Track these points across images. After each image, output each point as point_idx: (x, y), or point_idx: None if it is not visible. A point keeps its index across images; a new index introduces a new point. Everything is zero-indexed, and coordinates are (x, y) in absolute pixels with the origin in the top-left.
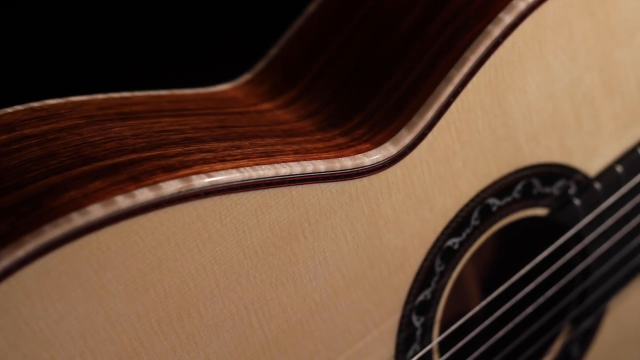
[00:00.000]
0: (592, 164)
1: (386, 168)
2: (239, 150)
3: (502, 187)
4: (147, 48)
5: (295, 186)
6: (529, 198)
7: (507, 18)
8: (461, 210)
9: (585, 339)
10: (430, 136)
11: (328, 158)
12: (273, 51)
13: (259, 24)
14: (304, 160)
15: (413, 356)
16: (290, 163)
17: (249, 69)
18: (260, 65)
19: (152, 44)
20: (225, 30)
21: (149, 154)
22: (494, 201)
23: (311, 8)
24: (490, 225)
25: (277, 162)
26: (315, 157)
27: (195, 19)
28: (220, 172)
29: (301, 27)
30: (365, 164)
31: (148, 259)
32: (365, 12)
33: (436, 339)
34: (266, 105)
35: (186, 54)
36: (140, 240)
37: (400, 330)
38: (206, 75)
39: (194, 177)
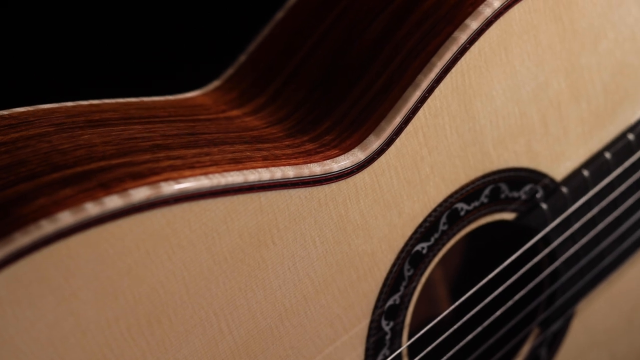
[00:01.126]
0: (559, 168)
1: (354, 174)
2: (207, 157)
3: (470, 192)
4: (116, 55)
5: (264, 192)
6: (496, 202)
7: (473, 24)
8: (429, 215)
9: (554, 341)
10: (398, 142)
11: (297, 164)
12: (242, 58)
13: (226, 31)
14: (273, 166)
15: None
16: (259, 169)
17: (218, 76)
18: (229, 72)
19: (121, 51)
20: (194, 38)
21: (118, 161)
22: (462, 206)
23: (279, 15)
24: (458, 230)
25: (246, 169)
26: (284, 163)
27: (163, 26)
28: (189, 178)
29: (270, 34)
30: (334, 170)
31: (117, 266)
32: (333, 18)
33: (405, 344)
34: (235, 112)
35: (155, 61)
36: (109, 247)
37: (369, 335)
38: (175, 82)
39: (162, 183)
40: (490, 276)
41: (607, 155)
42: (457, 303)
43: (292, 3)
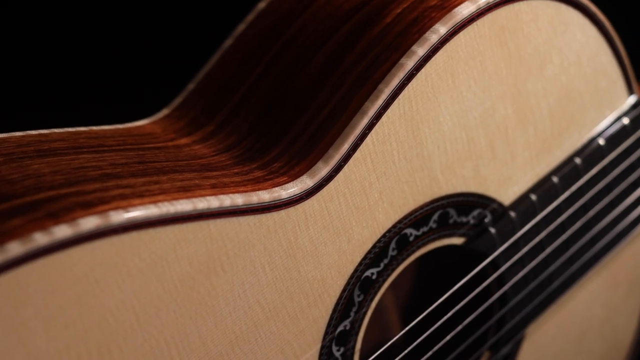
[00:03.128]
0: (507, 193)
1: (303, 200)
2: (157, 186)
3: (418, 217)
4: (64, 84)
5: (213, 220)
6: (445, 227)
7: (420, 50)
8: (378, 241)
9: None
10: (346, 168)
11: (245, 191)
12: (190, 86)
13: (175, 60)
14: (222, 194)
15: None
16: (208, 197)
17: (166, 104)
18: (178, 100)
19: (71, 79)
20: (142, 66)
21: (67, 190)
22: (411, 231)
23: (228, 42)
24: (408, 255)
25: (195, 197)
26: (233, 190)
27: (112, 56)
28: (138, 207)
29: (218, 61)
30: (283, 197)
31: (67, 296)
32: (280, 47)
33: None
34: (184, 140)
35: (103, 90)
36: (59, 277)
37: None
38: (124, 111)
39: (111, 212)
40: (439, 301)
41: (555, 179)
42: (407, 328)
43: (240, 31)
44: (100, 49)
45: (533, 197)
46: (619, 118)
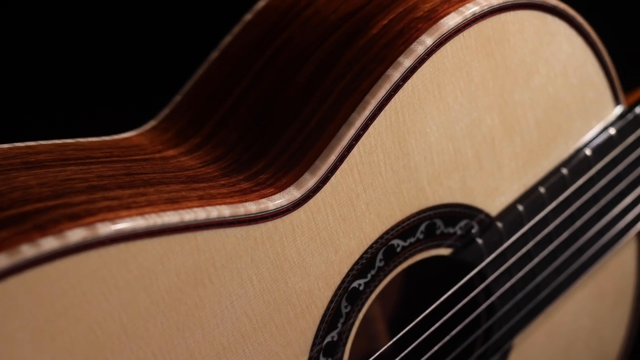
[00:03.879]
0: (494, 203)
1: (290, 212)
2: (144, 197)
3: (405, 228)
4: (52, 94)
5: (200, 232)
6: (432, 238)
7: (406, 62)
8: (366, 252)
9: None
10: (333, 179)
11: (232, 203)
12: (177, 98)
13: (162, 71)
14: (209, 205)
15: None
16: (195, 209)
17: (154, 116)
18: (165, 112)
19: (58, 90)
20: (130, 77)
21: (54, 202)
22: (398, 242)
23: (214, 55)
24: (395, 266)
25: (182, 208)
26: (220, 202)
27: (100, 66)
28: (125, 219)
29: (205, 73)
30: (270, 209)
31: (54, 308)
32: (267, 58)
33: None
34: (171, 152)
35: (91, 101)
36: (46, 289)
37: None
38: (111, 122)
39: (99, 224)
40: (427, 312)
41: (542, 189)
42: (395, 339)
43: (227, 43)
44: (87, 61)
45: (520, 207)
46: (605, 128)
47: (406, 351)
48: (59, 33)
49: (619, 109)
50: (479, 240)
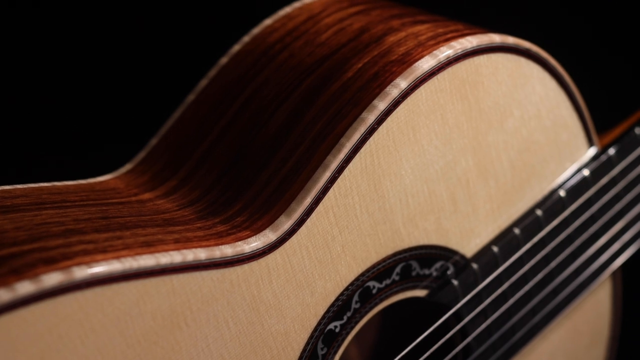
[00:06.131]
0: (469, 245)
1: (266, 254)
2: (120, 241)
3: (381, 270)
4: (26, 138)
5: (176, 275)
6: (408, 280)
7: (381, 105)
8: (342, 294)
9: None
10: (309, 222)
11: (208, 246)
12: (153, 141)
13: (138, 114)
14: (185, 248)
15: None
16: (171, 252)
17: (129, 159)
18: (141, 155)
19: (33, 134)
20: (106, 121)
21: (30, 246)
22: (374, 284)
23: (190, 97)
24: (371, 308)
25: (158, 252)
26: (196, 245)
27: (75, 109)
28: (101, 262)
29: (181, 116)
30: (245, 251)
31: (30, 352)
32: (244, 100)
33: None
34: (147, 195)
35: (66, 144)
36: (22, 333)
37: None
38: (87, 166)
39: (75, 268)
40: (403, 353)
41: (516, 231)
42: None
43: (202, 86)
44: (61, 105)
45: (495, 249)
46: (579, 170)
47: None
48: (31, 76)
49: (592, 151)
50: (455, 282)
